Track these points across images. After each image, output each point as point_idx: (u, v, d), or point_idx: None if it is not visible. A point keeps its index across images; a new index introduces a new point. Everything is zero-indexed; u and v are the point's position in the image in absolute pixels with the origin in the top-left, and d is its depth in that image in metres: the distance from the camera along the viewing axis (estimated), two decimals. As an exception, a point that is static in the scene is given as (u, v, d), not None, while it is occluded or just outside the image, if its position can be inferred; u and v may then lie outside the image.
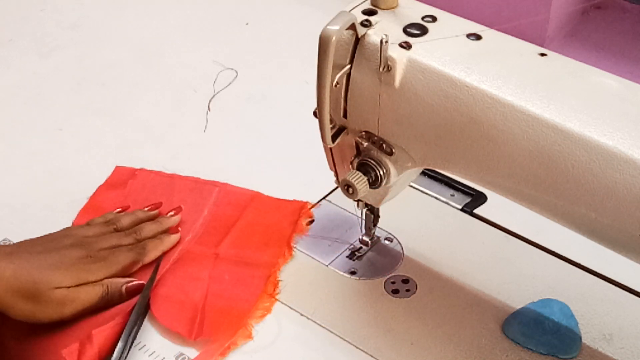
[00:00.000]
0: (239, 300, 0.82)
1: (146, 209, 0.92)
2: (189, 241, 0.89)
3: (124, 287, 0.82)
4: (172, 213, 0.91)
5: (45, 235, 0.85)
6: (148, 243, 0.87)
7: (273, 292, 0.83)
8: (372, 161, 0.75)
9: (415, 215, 0.92)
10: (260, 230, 0.90)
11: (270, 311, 0.82)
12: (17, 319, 0.78)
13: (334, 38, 0.67)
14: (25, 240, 0.83)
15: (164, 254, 0.87)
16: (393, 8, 0.72)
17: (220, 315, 0.81)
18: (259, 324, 0.81)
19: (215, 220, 0.91)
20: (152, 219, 0.91)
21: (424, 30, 0.70)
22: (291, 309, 0.82)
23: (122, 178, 0.97)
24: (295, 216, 0.91)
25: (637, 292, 0.83)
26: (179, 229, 0.90)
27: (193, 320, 0.80)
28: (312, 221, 0.91)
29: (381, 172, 0.76)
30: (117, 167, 0.99)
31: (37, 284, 0.77)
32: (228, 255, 0.87)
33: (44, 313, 0.78)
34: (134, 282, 0.82)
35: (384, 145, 0.74)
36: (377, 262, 0.87)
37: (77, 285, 0.79)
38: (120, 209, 0.92)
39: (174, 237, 0.88)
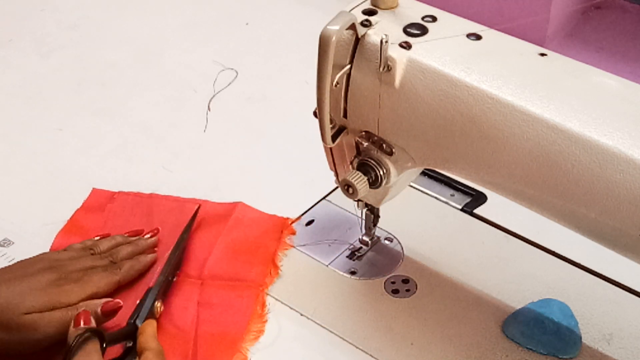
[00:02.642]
0: (231, 325, 0.80)
1: (126, 234, 0.89)
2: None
3: (99, 309, 0.78)
4: (148, 235, 0.89)
5: (18, 262, 0.82)
6: (124, 263, 0.85)
7: (262, 313, 0.82)
8: (372, 161, 0.75)
9: (415, 215, 0.92)
10: (244, 248, 0.88)
11: (263, 332, 0.80)
12: None
13: (334, 38, 0.67)
14: (4, 268, 0.81)
15: (142, 276, 0.85)
16: (393, 8, 0.72)
17: (213, 343, 0.79)
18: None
19: (198, 240, 0.89)
20: (131, 244, 0.88)
21: (424, 30, 0.70)
22: (291, 309, 0.82)
23: (99, 201, 0.95)
24: (277, 233, 0.89)
25: (637, 292, 0.83)
26: (155, 249, 0.88)
27: (186, 353, 0.78)
28: (312, 221, 0.91)
29: (381, 172, 0.76)
30: (94, 189, 0.96)
31: (6, 312, 0.75)
32: (214, 279, 0.85)
33: (17, 341, 0.76)
34: (110, 302, 0.79)
35: (384, 145, 0.74)
36: (377, 262, 0.87)
37: (50, 310, 0.76)
38: (99, 236, 0.89)
39: (150, 257, 0.86)
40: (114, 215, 0.93)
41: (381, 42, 0.68)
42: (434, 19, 0.71)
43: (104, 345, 0.71)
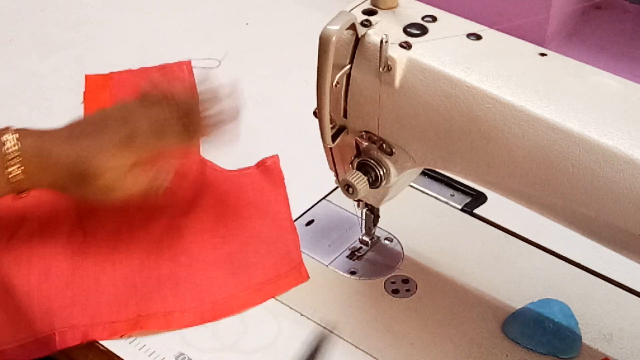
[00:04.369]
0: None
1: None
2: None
3: (166, 183, 0.83)
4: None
5: (97, 113, 0.87)
6: (200, 120, 0.85)
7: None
8: (372, 161, 0.75)
9: (415, 215, 0.92)
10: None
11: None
12: (69, 195, 0.84)
13: (334, 38, 0.67)
14: (79, 121, 0.85)
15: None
16: (393, 8, 0.72)
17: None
18: (259, 324, 0.81)
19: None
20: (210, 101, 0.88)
21: (424, 30, 0.70)
22: (291, 309, 0.82)
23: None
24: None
25: (637, 292, 0.83)
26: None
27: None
28: (312, 221, 0.91)
29: (381, 172, 0.76)
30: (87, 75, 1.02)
31: (89, 171, 0.80)
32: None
33: (94, 197, 0.83)
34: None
35: (384, 145, 0.74)
36: (377, 262, 0.87)
37: (128, 168, 0.81)
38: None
39: (231, 119, 0.87)
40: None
41: (381, 42, 0.68)
42: (434, 19, 0.71)
43: None
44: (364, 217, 0.86)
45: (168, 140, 0.83)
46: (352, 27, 0.69)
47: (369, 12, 0.72)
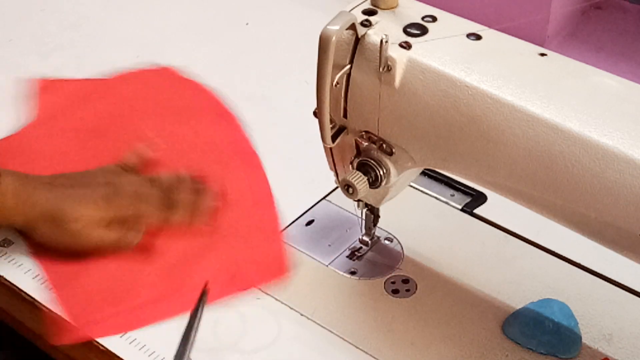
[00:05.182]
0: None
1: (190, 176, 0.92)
2: None
3: (136, 242, 0.85)
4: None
5: (82, 172, 0.90)
6: (179, 208, 0.87)
7: None
8: (372, 161, 0.75)
9: (415, 215, 0.92)
10: None
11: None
12: (37, 240, 0.86)
13: (334, 38, 0.67)
14: (62, 174, 0.89)
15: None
16: (393, 8, 0.72)
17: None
18: (259, 324, 0.81)
19: None
20: (196, 189, 0.90)
21: (424, 30, 0.70)
22: (291, 309, 0.82)
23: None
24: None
25: (637, 292, 0.83)
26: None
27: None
28: (312, 221, 0.91)
29: (381, 172, 0.76)
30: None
31: (64, 214, 0.83)
32: None
33: (61, 240, 0.85)
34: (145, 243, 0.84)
35: (384, 145, 0.74)
36: (377, 262, 0.87)
37: (102, 222, 0.84)
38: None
39: (202, 222, 0.88)
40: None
41: (381, 42, 0.68)
42: (434, 19, 0.71)
43: None
44: (364, 217, 0.86)
45: (145, 211, 0.86)
46: (352, 27, 0.69)
47: (369, 12, 0.72)
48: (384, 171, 0.76)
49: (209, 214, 0.89)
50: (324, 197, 0.94)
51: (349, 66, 0.71)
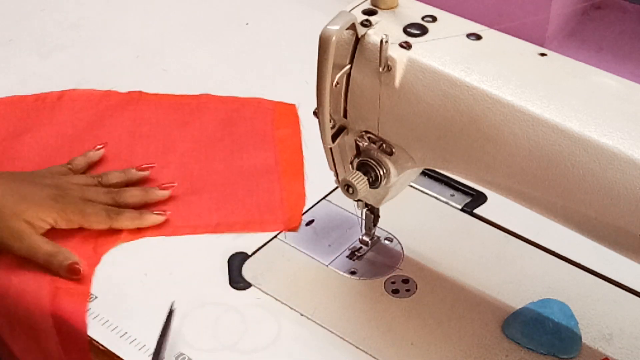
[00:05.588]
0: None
1: (138, 169, 0.92)
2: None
3: (67, 263, 0.82)
4: (164, 188, 0.91)
5: (30, 171, 0.88)
6: (125, 211, 0.87)
7: None
8: (372, 161, 0.75)
9: (415, 215, 0.92)
10: None
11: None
12: None
13: (334, 38, 0.67)
14: (10, 171, 0.87)
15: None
16: (393, 8, 0.72)
17: None
18: (259, 324, 0.81)
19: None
20: (141, 181, 0.90)
21: (424, 30, 0.70)
22: (291, 309, 0.82)
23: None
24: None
25: (637, 292, 0.83)
26: (167, 212, 0.89)
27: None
28: (312, 221, 0.91)
29: (381, 172, 0.76)
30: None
31: (5, 208, 0.82)
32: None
33: None
34: (78, 267, 0.82)
35: (384, 145, 0.74)
36: (377, 262, 0.87)
37: (35, 229, 0.82)
38: (100, 146, 0.94)
39: (154, 218, 0.88)
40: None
41: (381, 42, 0.68)
42: (434, 19, 0.71)
43: None
44: (364, 217, 0.86)
45: (88, 216, 0.85)
46: (352, 27, 0.69)
47: (369, 12, 0.72)
48: (384, 171, 0.76)
49: (154, 221, 0.88)
50: (324, 197, 0.94)
51: (349, 66, 0.71)
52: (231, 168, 0.96)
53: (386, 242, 0.89)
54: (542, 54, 0.68)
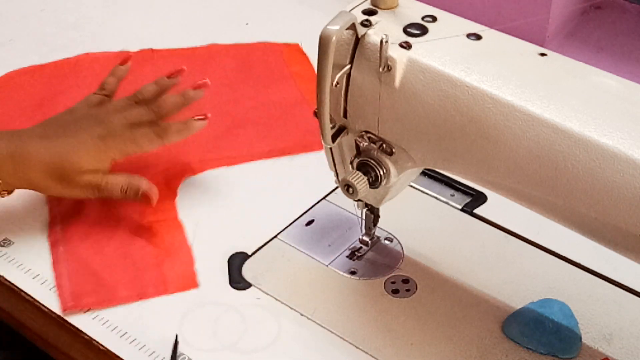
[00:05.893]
0: None
1: (171, 76, 0.93)
2: None
3: (140, 192, 0.85)
4: (197, 87, 0.92)
5: (68, 112, 0.89)
6: (171, 125, 0.88)
7: None
8: (372, 161, 0.75)
9: (415, 215, 0.92)
10: None
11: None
12: (50, 194, 0.88)
13: (334, 38, 0.67)
14: (51, 120, 0.87)
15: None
16: (393, 8, 0.72)
17: None
18: (259, 324, 0.81)
19: None
20: (175, 87, 0.91)
21: (424, 30, 0.70)
22: (291, 309, 0.82)
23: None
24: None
25: (637, 292, 0.83)
26: (208, 115, 0.90)
27: None
28: (312, 221, 0.91)
29: (381, 172, 0.76)
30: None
31: (67, 168, 0.83)
32: None
33: (72, 194, 0.86)
34: (151, 192, 0.85)
35: (384, 145, 0.74)
36: (377, 262, 0.87)
37: (102, 171, 0.85)
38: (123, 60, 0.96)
39: (199, 124, 0.89)
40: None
41: (381, 42, 0.68)
42: (434, 19, 0.71)
43: None
44: (364, 217, 0.86)
45: (140, 142, 0.87)
46: (352, 27, 0.69)
47: (369, 12, 0.72)
48: (384, 171, 0.76)
49: (199, 126, 0.89)
50: (324, 197, 0.94)
51: (349, 66, 0.71)
52: (261, 104, 1.04)
53: (386, 242, 0.89)
54: (542, 54, 0.68)
